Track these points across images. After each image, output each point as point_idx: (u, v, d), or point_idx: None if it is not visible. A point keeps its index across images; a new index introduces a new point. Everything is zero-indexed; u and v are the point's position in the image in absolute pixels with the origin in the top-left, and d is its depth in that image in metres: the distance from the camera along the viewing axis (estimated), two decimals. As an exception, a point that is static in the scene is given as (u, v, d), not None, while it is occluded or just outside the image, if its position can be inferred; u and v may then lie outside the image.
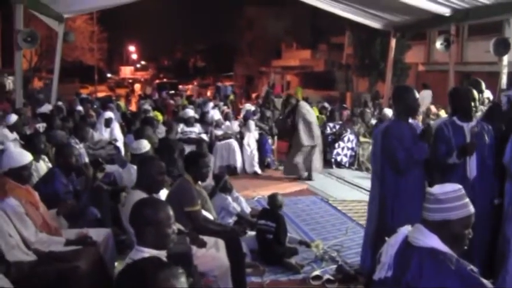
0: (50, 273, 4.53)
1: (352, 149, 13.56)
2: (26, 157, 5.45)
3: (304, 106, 12.31)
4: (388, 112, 13.58)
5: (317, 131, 12.12)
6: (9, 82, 28.26)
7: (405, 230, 3.33)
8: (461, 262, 3.06)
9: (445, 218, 3.14)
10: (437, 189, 3.23)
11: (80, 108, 15.62)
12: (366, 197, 10.19)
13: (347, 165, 13.55)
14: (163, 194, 6.04)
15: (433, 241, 3.14)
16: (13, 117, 10.56)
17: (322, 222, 8.86)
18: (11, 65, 23.78)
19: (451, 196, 3.15)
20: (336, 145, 13.56)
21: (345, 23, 27.69)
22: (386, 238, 3.43)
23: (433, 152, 5.63)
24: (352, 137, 13.58)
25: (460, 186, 3.22)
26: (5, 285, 3.65)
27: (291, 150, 12.33)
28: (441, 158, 5.61)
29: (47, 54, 35.85)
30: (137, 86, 58.14)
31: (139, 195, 4.74)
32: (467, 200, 3.18)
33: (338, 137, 13.74)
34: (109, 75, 75.19)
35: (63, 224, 5.71)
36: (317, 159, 12.19)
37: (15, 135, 10.14)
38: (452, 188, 3.20)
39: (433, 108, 15.05)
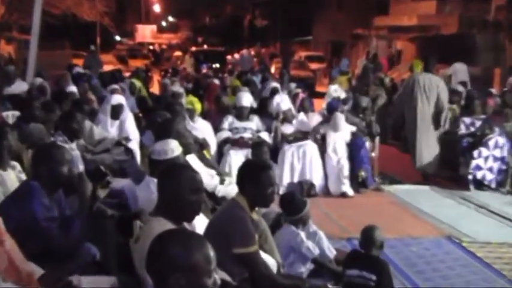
0: None
1: (502, 159, 13.35)
2: None
3: None
4: None
5: None
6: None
7: None
8: None
9: None
10: None
11: (72, 88, 15.78)
12: (525, 238, 10.06)
13: (494, 185, 13.34)
14: (200, 224, 6.03)
15: None
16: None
17: (450, 277, 8.77)
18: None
19: None
20: (476, 153, 13.38)
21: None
22: None
23: None
24: (502, 140, 13.35)
25: None
26: None
27: None
28: None
29: (19, 4, 36.42)
30: (177, 54, 57.88)
31: (163, 225, 4.78)
32: None
33: (479, 140, 13.54)
34: (118, 38, 76.52)
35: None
36: None
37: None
38: None
39: None
